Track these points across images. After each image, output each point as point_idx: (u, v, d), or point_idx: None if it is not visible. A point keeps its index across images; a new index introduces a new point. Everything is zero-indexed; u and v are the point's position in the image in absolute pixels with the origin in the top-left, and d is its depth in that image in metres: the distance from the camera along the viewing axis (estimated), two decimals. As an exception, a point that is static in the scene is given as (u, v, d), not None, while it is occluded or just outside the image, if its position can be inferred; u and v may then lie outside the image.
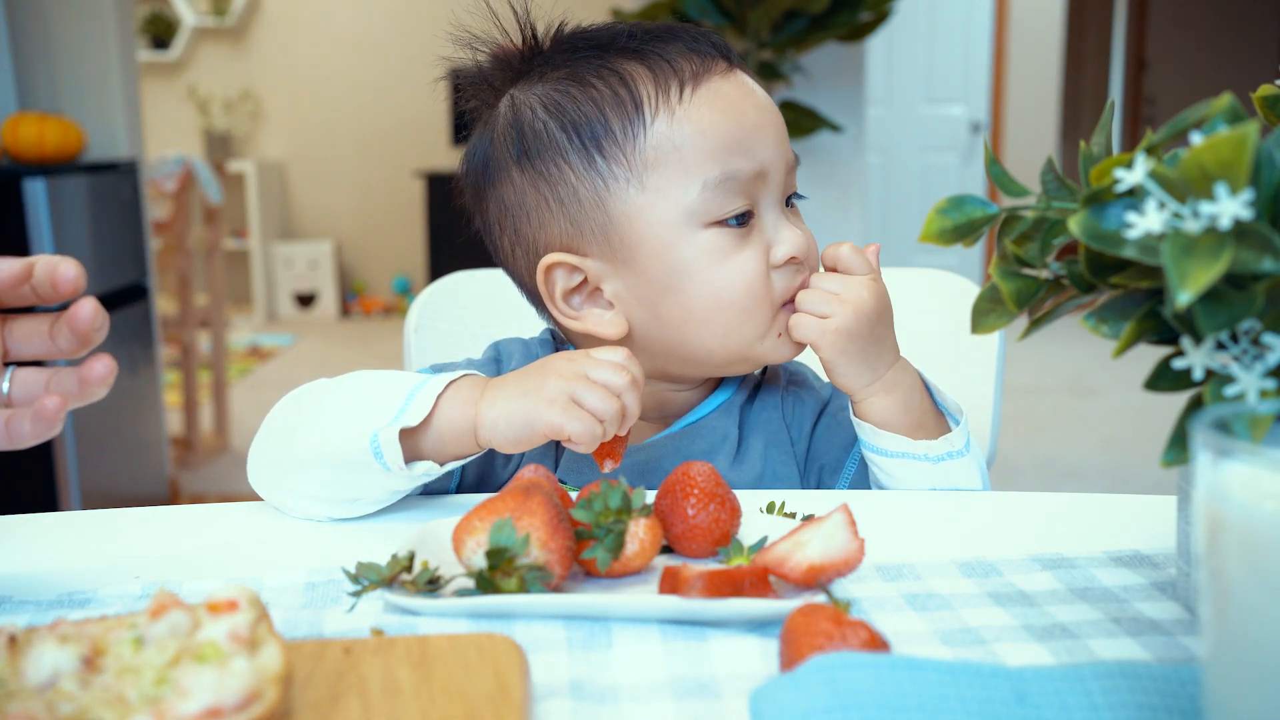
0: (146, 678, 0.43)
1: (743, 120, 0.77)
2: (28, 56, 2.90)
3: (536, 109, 0.79)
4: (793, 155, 0.82)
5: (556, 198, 0.78)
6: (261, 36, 6.16)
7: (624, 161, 0.76)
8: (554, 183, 0.78)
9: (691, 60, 0.78)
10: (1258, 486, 0.36)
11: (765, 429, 0.86)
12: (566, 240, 0.79)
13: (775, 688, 0.44)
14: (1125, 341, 0.47)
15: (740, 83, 0.80)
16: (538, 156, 0.79)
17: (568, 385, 0.68)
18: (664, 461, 0.82)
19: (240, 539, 0.70)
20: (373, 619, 0.55)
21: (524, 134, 0.79)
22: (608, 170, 0.77)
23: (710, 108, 0.77)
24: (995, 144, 5.97)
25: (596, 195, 0.77)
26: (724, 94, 0.78)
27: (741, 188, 0.77)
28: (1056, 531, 0.69)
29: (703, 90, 0.77)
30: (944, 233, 0.55)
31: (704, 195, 0.76)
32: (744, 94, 0.79)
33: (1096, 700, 0.43)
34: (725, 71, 0.79)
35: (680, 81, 0.77)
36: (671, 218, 0.76)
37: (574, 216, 0.78)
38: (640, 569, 0.60)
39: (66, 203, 2.58)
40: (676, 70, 0.78)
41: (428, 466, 0.69)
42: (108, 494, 2.69)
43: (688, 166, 0.76)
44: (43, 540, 0.70)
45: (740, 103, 0.78)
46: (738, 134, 0.77)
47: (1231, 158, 0.41)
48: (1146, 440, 3.68)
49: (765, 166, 0.78)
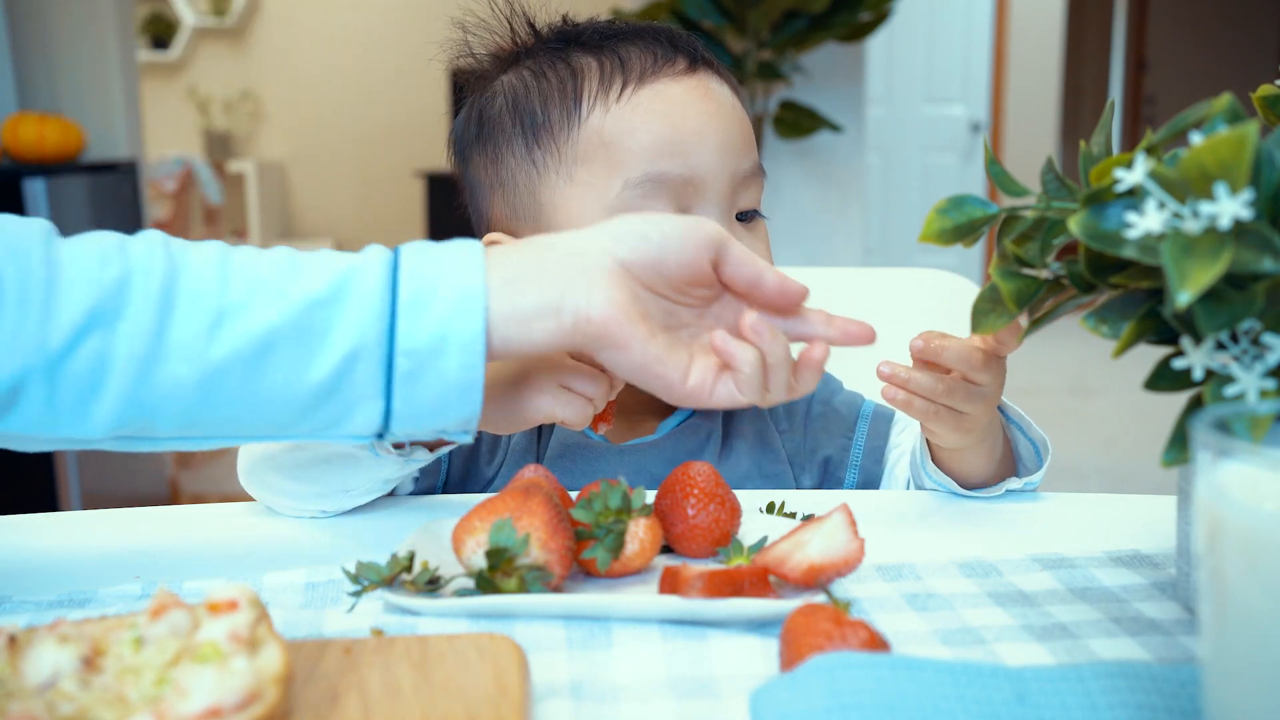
0: (146, 678, 0.43)
1: (680, 124, 0.76)
2: (28, 56, 2.90)
3: (499, 95, 0.82)
4: (749, 168, 0.79)
5: (499, 180, 0.82)
6: (261, 36, 6.16)
7: (556, 153, 0.78)
8: (498, 166, 0.81)
9: (644, 59, 0.78)
10: (1258, 486, 0.36)
11: (750, 425, 0.86)
12: (505, 223, 0.82)
13: (775, 688, 0.44)
14: (1125, 341, 0.47)
15: (695, 86, 0.78)
16: (489, 140, 0.82)
17: (554, 372, 0.68)
18: (649, 465, 0.82)
19: (240, 539, 0.70)
20: (373, 619, 0.55)
21: (484, 118, 0.83)
22: (541, 160, 0.79)
23: (647, 108, 0.76)
24: (995, 144, 5.97)
25: (530, 182, 0.80)
26: (668, 96, 0.77)
27: (668, 192, 0.76)
28: (1056, 531, 0.69)
29: (645, 90, 0.77)
30: (944, 233, 0.55)
31: (624, 194, 0.75)
32: (694, 98, 0.78)
33: (1096, 700, 0.43)
34: (681, 73, 0.78)
35: (625, 79, 0.78)
36: (593, 213, 0.76)
37: (511, 200, 0.81)
38: (640, 569, 0.60)
39: (66, 203, 2.58)
40: (625, 67, 0.78)
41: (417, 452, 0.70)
42: (108, 494, 2.69)
43: (613, 164, 0.76)
44: (43, 540, 0.70)
45: (685, 106, 0.77)
46: (671, 136, 0.76)
47: (1231, 158, 0.41)
48: (1146, 440, 3.68)
49: (698, 174, 0.76)
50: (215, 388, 0.56)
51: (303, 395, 0.57)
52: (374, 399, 0.57)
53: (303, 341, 0.56)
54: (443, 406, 0.58)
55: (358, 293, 0.57)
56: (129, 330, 0.55)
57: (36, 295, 0.55)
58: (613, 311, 0.58)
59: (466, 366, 0.57)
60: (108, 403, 0.56)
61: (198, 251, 0.59)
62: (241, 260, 0.59)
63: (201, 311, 0.56)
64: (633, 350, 0.59)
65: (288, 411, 0.58)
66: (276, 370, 0.56)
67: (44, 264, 0.56)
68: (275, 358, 0.56)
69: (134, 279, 0.56)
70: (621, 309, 0.59)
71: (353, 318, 0.56)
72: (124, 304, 0.56)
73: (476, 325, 0.57)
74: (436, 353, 0.57)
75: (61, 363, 0.55)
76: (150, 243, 0.59)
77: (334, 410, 0.58)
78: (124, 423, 0.57)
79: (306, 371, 0.56)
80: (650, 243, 0.60)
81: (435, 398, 0.58)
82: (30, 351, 0.55)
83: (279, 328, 0.56)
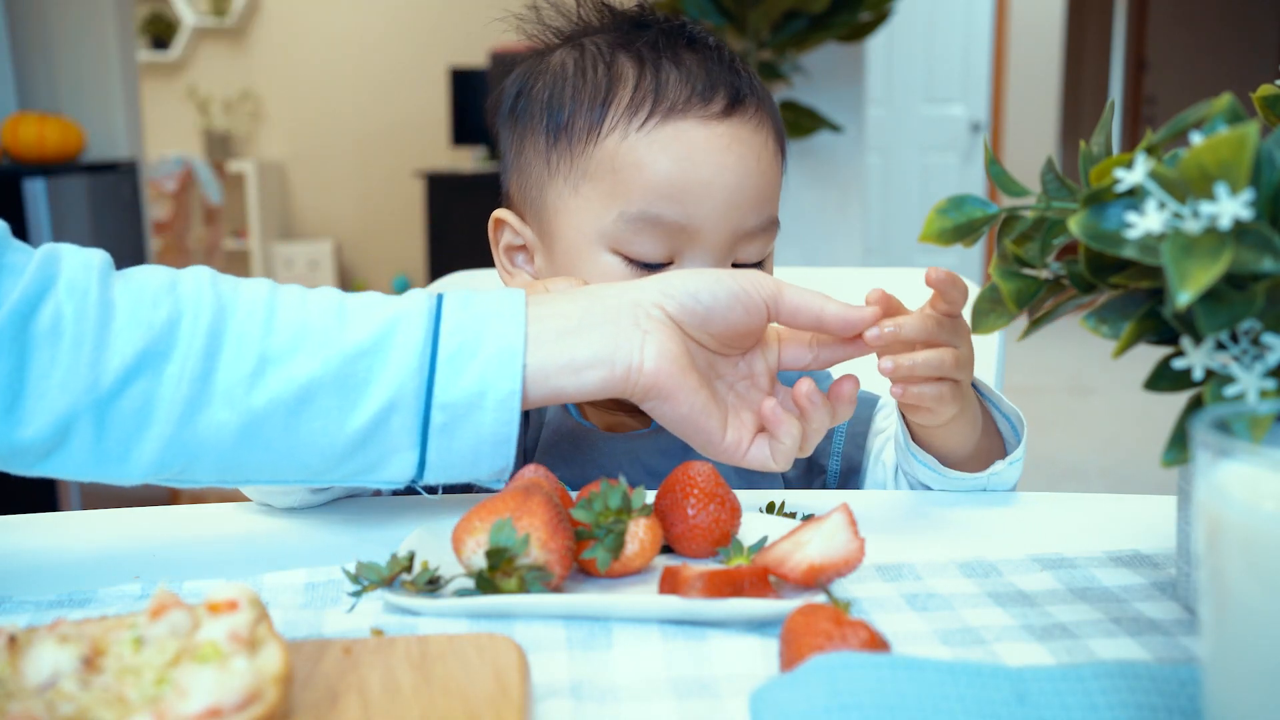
0: (146, 678, 0.43)
1: (690, 172, 0.74)
2: (28, 56, 2.90)
3: (543, 76, 0.82)
4: (757, 224, 0.77)
5: (518, 163, 0.82)
6: (261, 36, 6.15)
7: (570, 160, 0.78)
8: (521, 150, 0.82)
9: (681, 90, 0.76)
10: (1258, 486, 0.36)
11: None
12: (516, 203, 0.83)
13: (775, 688, 0.44)
14: (1125, 341, 0.47)
15: (723, 133, 0.76)
16: (520, 119, 0.83)
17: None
18: (642, 454, 0.83)
19: (240, 539, 0.70)
20: (373, 619, 0.55)
21: (522, 94, 0.83)
22: (555, 162, 0.79)
23: (663, 148, 0.75)
24: (995, 144, 5.97)
25: (540, 179, 0.80)
26: (688, 139, 0.75)
27: (660, 234, 0.75)
28: (1056, 531, 0.69)
29: (669, 127, 0.75)
30: (944, 233, 0.55)
31: (617, 224, 0.75)
32: (715, 147, 0.75)
33: (1096, 700, 0.43)
34: (714, 116, 0.76)
35: (653, 108, 0.76)
36: (588, 231, 0.77)
37: (523, 186, 0.82)
38: (640, 569, 0.60)
39: (66, 203, 2.58)
40: (659, 95, 0.76)
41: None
42: (108, 494, 2.69)
43: (616, 191, 0.76)
44: (43, 540, 0.70)
45: (701, 154, 0.75)
46: (678, 182, 0.74)
47: (1231, 158, 0.41)
48: (1146, 440, 3.68)
49: (695, 225, 0.75)
50: (255, 434, 0.57)
51: (340, 444, 0.58)
52: (409, 450, 0.59)
53: (343, 391, 0.57)
54: (476, 458, 0.59)
55: (400, 344, 0.58)
56: (175, 374, 0.56)
57: (90, 335, 0.55)
58: (664, 364, 0.60)
59: (502, 422, 0.58)
60: (150, 445, 0.56)
61: (246, 292, 0.60)
62: (287, 303, 0.59)
63: (246, 358, 0.57)
64: (680, 402, 0.61)
65: (324, 459, 0.59)
66: (316, 419, 0.57)
67: (99, 303, 0.56)
68: (315, 406, 0.57)
69: (183, 322, 0.57)
70: (673, 360, 0.61)
71: (393, 370, 0.58)
72: (171, 346, 0.57)
73: (513, 383, 0.58)
74: (473, 407, 0.58)
75: (110, 404, 0.55)
76: (199, 283, 0.59)
77: (369, 458, 0.59)
78: (164, 466, 0.58)
79: (345, 421, 0.58)
80: (699, 302, 0.62)
81: (469, 450, 0.59)
82: (82, 392, 0.55)
83: (320, 378, 0.57)
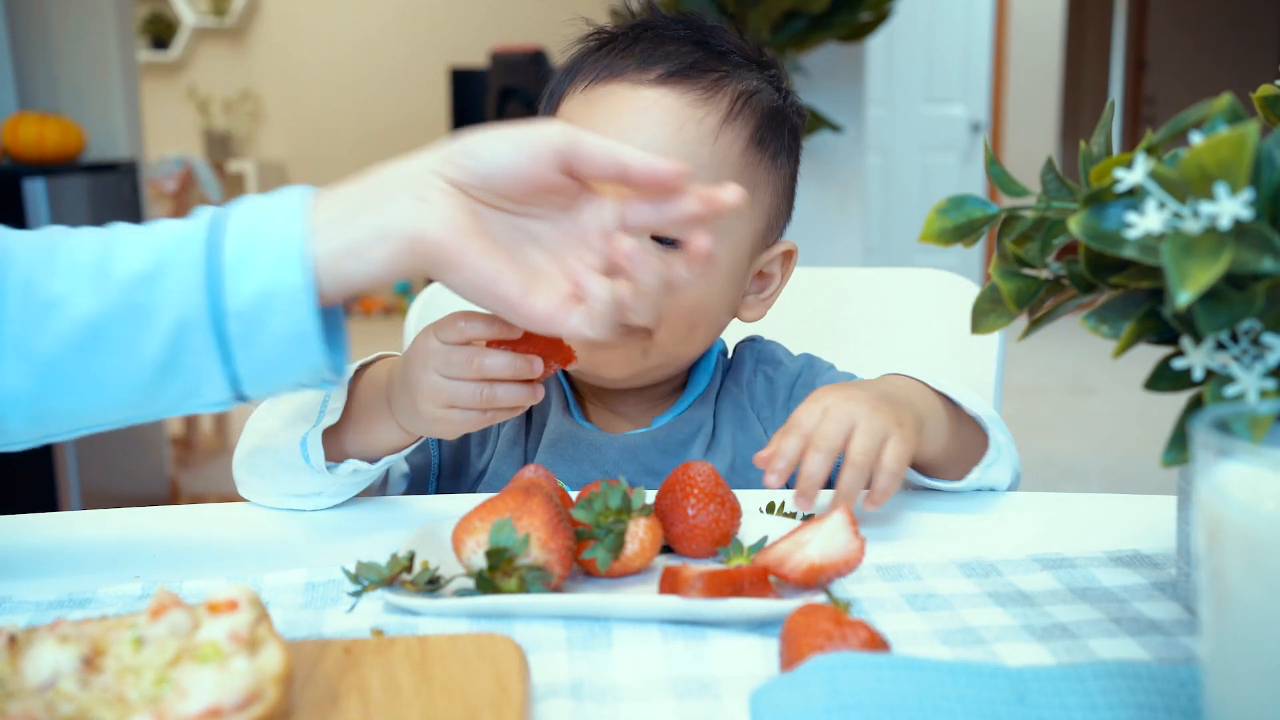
0: (146, 678, 0.43)
1: (604, 130, 0.71)
2: (28, 56, 2.90)
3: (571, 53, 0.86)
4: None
5: None
6: (261, 36, 6.15)
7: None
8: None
9: (630, 57, 0.80)
10: (1258, 486, 0.36)
11: (733, 414, 0.87)
12: None
13: (775, 688, 0.44)
14: (1125, 341, 0.47)
15: (645, 97, 0.77)
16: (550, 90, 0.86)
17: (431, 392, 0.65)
18: (640, 455, 0.83)
19: (240, 539, 0.70)
20: (373, 619, 0.55)
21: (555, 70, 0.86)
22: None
23: (590, 107, 0.79)
24: (995, 144, 5.97)
25: None
26: (612, 100, 0.78)
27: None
28: (1056, 531, 0.69)
29: (600, 89, 0.79)
30: (944, 233, 0.55)
31: None
32: (636, 108, 0.77)
33: (1096, 700, 0.43)
34: (645, 83, 0.78)
35: (598, 71, 0.80)
36: None
37: None
38: (640, 569, 0.60)
39: (66, 203, 2.58)
40: (610, 60, 0.80)
41: (358, 465, 0.71)
42: (108, 494, 2.69)
43: None
44: (43, 540, 0.70)
45: (621, 115, 0.77)
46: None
47: (1231, 158, 0.41)
48: (1146, 440, 3.68)
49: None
50: (54, 380, 0.56)
51: (144, 376, 0.56)
52: (215, 366, 0.56)
53: (131, 322, 0.55)
54: (285, 362, 0.57)
55: (181, 264, 0.55)
56: None
57: None
58: (446, 233, 0.56)
59: (296, 319, 0.55)
60: None
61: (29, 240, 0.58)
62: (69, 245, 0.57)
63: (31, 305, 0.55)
64: (466, 268, 0.57)
65: (134, 394, 0.57)
66: (110, 354, 0.55)
67: None
68: (105, 342, 0.55)
69: None
70: (454, 226, 0.57)
71: (176, 291, 0.55)
72: None
73: (297, 276, 0.55)
74: (264, 309, 0.55)
75: None
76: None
77: (181, 385, 0.57)
78: None
79: (140, 352, 0.56)
80: (479, 160, 0.58)
81: (275, 354, 0.56)
82: None
83: (104, 312, 0.55)
